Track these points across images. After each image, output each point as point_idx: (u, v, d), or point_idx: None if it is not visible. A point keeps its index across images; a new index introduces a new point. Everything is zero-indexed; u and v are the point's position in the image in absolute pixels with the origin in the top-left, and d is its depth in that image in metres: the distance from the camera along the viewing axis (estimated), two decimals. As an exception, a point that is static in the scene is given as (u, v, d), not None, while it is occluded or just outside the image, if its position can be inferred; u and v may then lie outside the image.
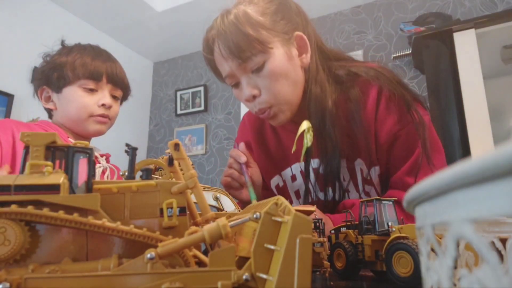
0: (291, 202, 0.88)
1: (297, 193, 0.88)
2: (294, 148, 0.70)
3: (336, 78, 0.77)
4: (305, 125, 0.71)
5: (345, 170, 0.78)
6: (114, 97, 1.00)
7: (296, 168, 0.86)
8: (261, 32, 0.70)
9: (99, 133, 0.99)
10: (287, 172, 0.88)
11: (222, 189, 0.61)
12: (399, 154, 0.74)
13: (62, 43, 1.01)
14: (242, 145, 0.81)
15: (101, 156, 1.01)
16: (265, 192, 0.94)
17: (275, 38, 0.72)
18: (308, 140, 0.69)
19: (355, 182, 0.78)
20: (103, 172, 0.95)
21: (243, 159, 0.78)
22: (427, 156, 0.69)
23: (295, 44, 0.75)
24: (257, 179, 0.82)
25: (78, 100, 0.93)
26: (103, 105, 0.95)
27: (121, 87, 1.01)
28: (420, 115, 0.72)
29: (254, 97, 0.74)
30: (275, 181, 0.90)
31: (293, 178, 0.87)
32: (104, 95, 0.96)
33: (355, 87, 0.76)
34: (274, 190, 0.91)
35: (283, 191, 0.90)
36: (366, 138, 0.74)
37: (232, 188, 0.82)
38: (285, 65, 0.73)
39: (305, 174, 0.79)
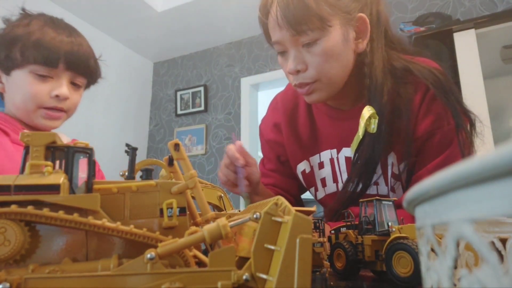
0: (316, 190, 0.88)
1: (323, 180, 0.86)
2: (359, 133, 0.69)
3: (391, 70, 0.74)
4: (370, 109, 0.69)
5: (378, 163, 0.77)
6: (74, 85, 0.84)
7: (326, 155, 0.85)
8: (323, 7, 0.67)
9: (49, 129, 0.84)
10: (315, 159, 0.86)
11: (223, 188, 0.61)
12: (430, 151, 0.73)
13: (23, 10, 0.83)
14: (239, 143, 0.78)
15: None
16: (289, 180, 0.92)
17: (335, 16, 0.69)
18: (376, 125, 0.67)
19: (385, 175, 0.77)
20: None
21: (240, 162, 0.75)
22: None
23: (355, 27, 0.72)
24: (255, 177, 0.81)
25: (26, 88, 0.77)
26: (56, 96, 0.79)
27: (84, 74, 0.84)
28: (466, 129, 0.70)
29: (298, 71, 0.72)
30: (301, 166, 0.89)
31: (321, 165, 0.86)
32: (59, 84, 0.79)
33: (408, 85, 0.74)
34: (300, 176, 0.90)
35: (309, 177, 0.88)
36: (404, 133, 0.73)
37: (228, 185, 0.81)
38: (339, 48, 0.70)
39: (353, 163, 0.76)
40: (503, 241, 0.30)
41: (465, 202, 0.13)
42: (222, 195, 0.57)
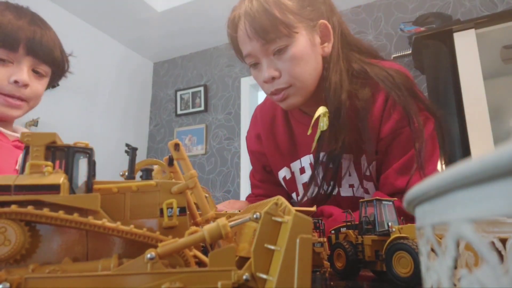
0: (297, 195, 0.90)
1: (305, 185, 0.88)
2: (310, 131, 0.72)
3: (349, 71, 0.78)
4: (321, 109, 0.72)
5: (352, 166, 0.79)
6: (37, 73, 0.80)
7: (306, 160, 0.87)
8: (288, 15, 0.72)
9: (8, 118, 0.81)
10: (296, 164, 0.89)
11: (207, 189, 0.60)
12: (395, 151, 0.75)
13: None
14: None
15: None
16: (278, 188, 0.95)
17: (300, 24, 0.73)
18: (324, 124, 0.71)
19: (360, 177, 0.79)
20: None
21: None
22: (420, 165, 0.70)
23: (318, 32, 0.77)
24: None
25: None
26: (15, 82, 0.76)
27: (47, 62, 0.81)
28: (420, 124, 0.71)
29: (273, 79, 0.75)
30: (282, 173, 0.92)
31: (302, 170, 0.88)
32: (19, 69, 0.76)
33: (365, 87, 0.76)
34: (282, 182, 0.93)
35: (290, 183, 0.91)
36: (370, 135, 0.75)
37: None
38: (307, 51, 0.74)
39: (314, 163, 0.79)
40: (503, 241, 0.30)
41: (465, 202, 0.13)
42: (207, 195, 0.57)
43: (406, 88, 0.74)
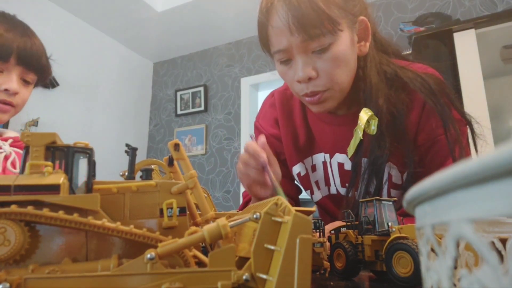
0: (312, 193, 0.87)
1: (316, 183, 0.85)
2: (359, 135, 0.68)
3: (386, 75, 0.73)
4: (368, 112, 0.67)
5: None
6: (25, 81, 0.85)
7: (319, 158, 0.83)
8: (333, 9, 0.64)
9: None
10: (308, 161, 0.85)
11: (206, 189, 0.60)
12: (435, 159, 0.71)
13: None
14: (262, 137, 0.69)
15: (5, 140, 0.89)
16: (288, 181, 0.89)
17: (343, 20, 0.66)
18: (376, 127, 0.65)
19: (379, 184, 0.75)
20: (6, 158, 0.84)
21: (263, 156, 0.66)
22: None
23: (357, 30, 0.70)
24: (278, 176, 0.73)
25: None
26: (6, 90, 0.80)
27: (35, 71, 0.85)
28: (458, 132, 0.67)
29: (310, 79, 0.67)
30: (296, 169, 0.87)
31: (313, 168, 0.85)
32: (10, 79, 0.81)
33: (401, 93, 0.71)
34: (296, 178, 0.88)
35: (305, 180, 0.87)
36: (404, 142, 0.70)
37: (250, 186, 0.73)
38: (349, 52, 0.68)
39: (353, 168, 0.74)
40: (503, 241, 0.30)
41: (465, 202, 0.13)
42: (206, 196, 0.57)
43: (442, 95, 0.69)
